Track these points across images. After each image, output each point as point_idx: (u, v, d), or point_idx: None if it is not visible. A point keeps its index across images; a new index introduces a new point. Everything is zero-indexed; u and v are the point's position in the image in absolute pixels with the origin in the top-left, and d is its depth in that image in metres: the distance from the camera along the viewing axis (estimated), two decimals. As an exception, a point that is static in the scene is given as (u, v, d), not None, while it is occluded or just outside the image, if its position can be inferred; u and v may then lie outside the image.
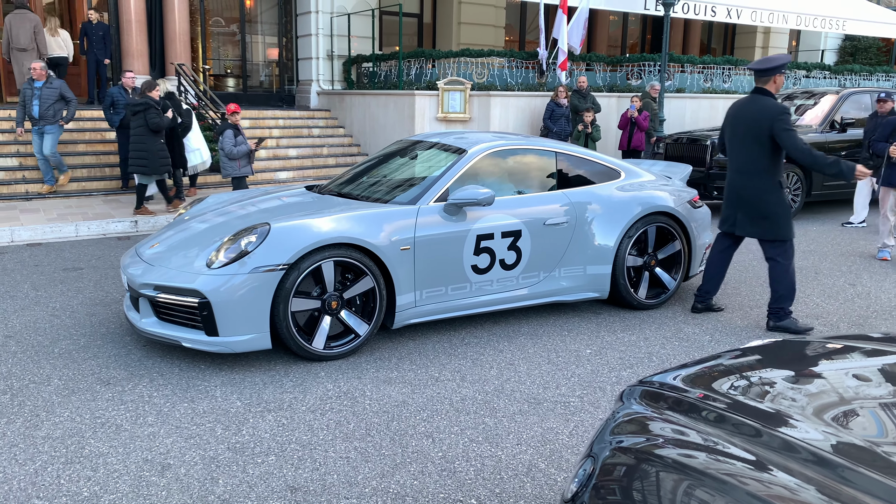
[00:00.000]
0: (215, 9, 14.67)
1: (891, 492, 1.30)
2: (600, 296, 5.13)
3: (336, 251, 4.08)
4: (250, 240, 4.02)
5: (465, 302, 4.64)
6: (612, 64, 13.87)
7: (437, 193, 4.59)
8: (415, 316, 4.48)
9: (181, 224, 4.83)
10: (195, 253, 4.18)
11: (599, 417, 3.49)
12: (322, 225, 4.09)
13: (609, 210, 5.07)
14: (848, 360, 2.03)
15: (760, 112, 4.63)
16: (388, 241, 4.23)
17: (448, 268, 4.51)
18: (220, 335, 3.92)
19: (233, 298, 3.87)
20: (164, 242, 4.50)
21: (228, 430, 3.32)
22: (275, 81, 15.62)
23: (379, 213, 4.34)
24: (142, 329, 4.14)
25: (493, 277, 4.71)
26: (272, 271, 3.91)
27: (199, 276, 3.95)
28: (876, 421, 1.59)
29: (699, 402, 1.76)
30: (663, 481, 1.49)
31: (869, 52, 19.93)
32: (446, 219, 4.50)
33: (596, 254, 5.03)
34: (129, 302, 4.43)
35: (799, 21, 15.26)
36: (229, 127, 7.88)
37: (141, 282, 4.11)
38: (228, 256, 3.98)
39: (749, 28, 20.01)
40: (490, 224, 4.63)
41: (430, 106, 11.59)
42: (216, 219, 4.68)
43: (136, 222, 8.20)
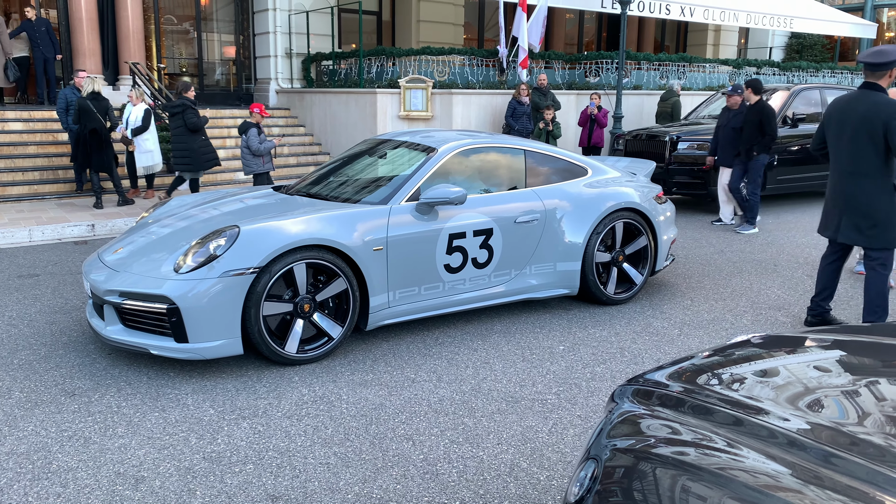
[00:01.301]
0: (169, 6, 14.31)
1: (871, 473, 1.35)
2: (570, 292, 5.18)
3: (307, 253, 4.01)
4: (219, 243, 3.92)
5: (438, 301, 4.63)
6: (571, 62, 14.02)
7: (409, 193, 4.56)
8: (388, 317, 4.45)
9: (144, 228, 4.71)
10: (162, 257, 4.07)
11: (577, 414, 3.53)
12: (293, 226, 4.02)
13: (577, 207, 5.12)
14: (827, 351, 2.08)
15: (874, 109, 4.25)
16: (360, 242, 4.19)
17: (421, 267, 4.48)
18: (189, 342, 3.82)
19: (202, 304, 3.78)
20: (127, 247, 4.37)
21: (203, 440, 3.24)
22: (232, 80, 15.33)
23: (350, 213, 4.29)
24: (107, 337, 4.01)
25: (466, 276, 4.70)
26: (242, 275, 3.83)
27: (167, 282, 3.84)
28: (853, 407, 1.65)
29: (690, 398, 1.79)
30: (662, 479, 1.51)
31: (815, 50, 20.61)
32: (418, 218, 4.48)
33: (565, 250, 5.06)
34: (93, 309, 4.29)
35: (748, 19, 15.67)
36: (252, 125, 7.97)
37: (105, 288, 3.98)
38: (197, 261, 3.89)
39: (701, 26, 20.48)
40: (462, 223, 4.61)
41: (391, 104, 11.53)
42: (181, 222, 4.57)
43: (93, 226, 7.95)
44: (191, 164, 8.46)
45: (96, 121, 8.70)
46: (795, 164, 9.73)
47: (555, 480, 2.92)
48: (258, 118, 8.07)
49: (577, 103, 12.83)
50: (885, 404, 1.67)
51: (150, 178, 9.78)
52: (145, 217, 5.09)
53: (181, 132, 8.42)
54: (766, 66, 16.27)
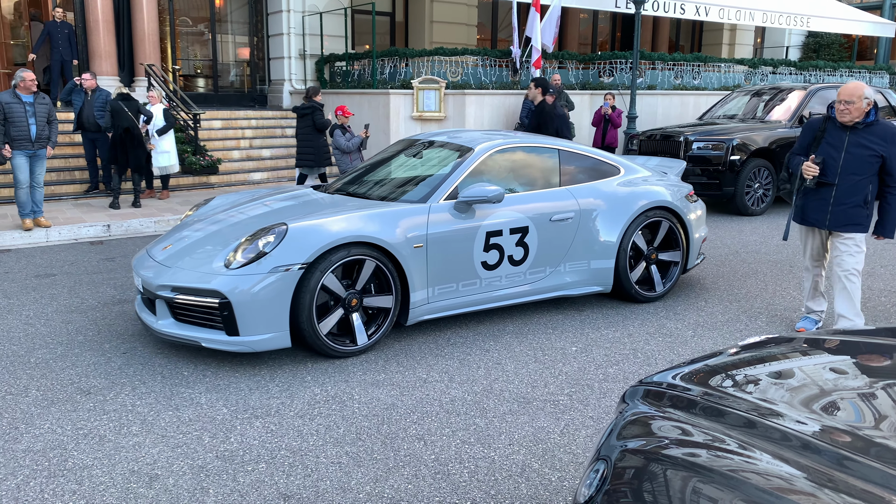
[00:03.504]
0: (184, 8, 14.43)
1: (886, 477, 1.33)
2: (604, 289, 5.24)
3: (352, 250, 4.12)
4: (268, 240, 4.05)
5: (475, 298, 4.71)
6: (585, 62, 13.97)
7: (447, 191, 4.66)
8: (427, 312, 4.53)
9: (190, 225, 4.83)
10: (212, 254, 4.20)
11: (590, 415, 3.51)
12: (338, 224, 4.14)
13: (612, 206, 5.18)
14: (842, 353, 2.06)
15: None
16: (402, 239, 4.30)
17: (459, 264, 4.58)
18: (240, 335, 3.94)
19: (253, 298, 3.90)
20: (176, 244, 4.50)
21: (216, 438, 3.26)
22: (246, 81, 15.42)
23: (392, 211, 4.40)
24: (159, 331, 4.13)
25: (502, 273, 4.78)
26: (290, 270, 3.95)
27: (219, 277, 3.97)
28: (869, 410, 1.63)
29: (702, 400, 1.77)
30: (672, 481, 1.50)
31: (832, 49, 20.39)
32: (456, 216, 4.57)
33: (600, 248, 5.12)
34: (142, 304, 4.43)
35: (764, 18, 15.53)
36: (338, 126, 8.45)
37: (158, 283, 4.11)
38: (247, 257, 4.01)
39: (716, 25, 20.33)
40: (498, 220, 4.70)
41: (404, 105, 11.55)
42: (228, 220, 4.70)
43: (109, 226, 8.03)
44: (315, 161, 8.93)
45: (128, 120, 8.85)
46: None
47: (566, 481, 2.91)
48: (343, 119, 8.52)
49: (591, 103, 12.78)
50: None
51: (165, 178, 9.88)
52: (189, 215, 5.22)
53: (309, 132, 8.86)
54: (782, 65, 16.12)
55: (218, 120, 12.48)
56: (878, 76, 17.48)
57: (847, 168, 4.25)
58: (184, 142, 11.22)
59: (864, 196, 4.27)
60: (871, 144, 4.19)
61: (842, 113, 4.22)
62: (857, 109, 4.17)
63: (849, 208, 4.31)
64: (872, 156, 4.20)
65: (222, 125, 12.48)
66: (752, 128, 9.57)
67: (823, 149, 4.33)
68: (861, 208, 4.29)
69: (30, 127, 7.48)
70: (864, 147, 4.20)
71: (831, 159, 4.29)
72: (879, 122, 4.22)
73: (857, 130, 4.24)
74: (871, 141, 4.20)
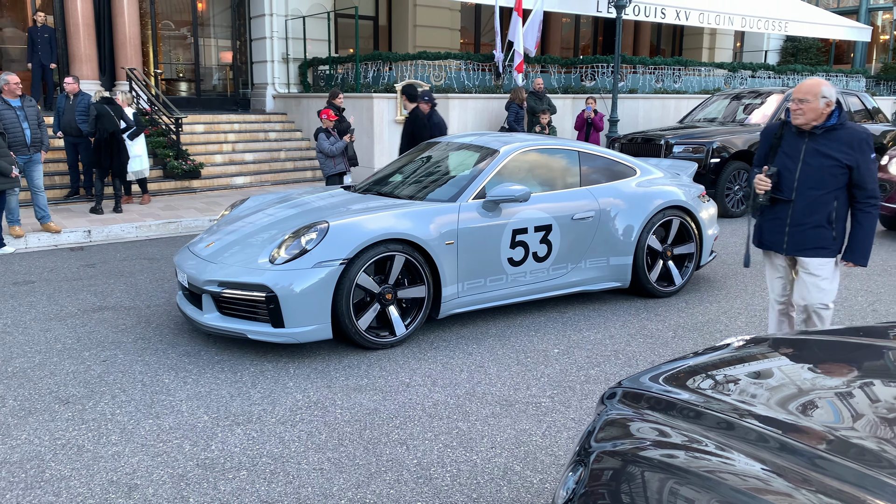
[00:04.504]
0: (166, 12, 14.34)
1: (861, 476, 1.34)
2: (622, 285, 5.46)
3: (388, 246, 4.33)
4: (310, 237, 4.26)
5: (501, 293, 4.93)
6: (567, 66, 14.05)
7: (476, 191, 4.86)
8: (457, 306, 4.75)
9: (230, 223, 5.05)
10: (256, 250, 4.41)
11: (571, 417, 3.53)
12: (376, 222, 4.36)
13: (629, 205, 5.40)
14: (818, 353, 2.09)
15: None
16: (435, 236, 4.52)
17: (487, 261, 4.79)
18: (285, 327, 4.14)
19: (297, 292, 4.10)
20: (218, 242, 4.70)
21: (197, 446, 3.24)
22: (229, 85, 15.34)
23: (425, 210, 4.62)
24: (205, 324, 4.32)
25: (527, 269, 4.99)
26: (332, 266, 4.15)
27: (265, 272, 4.17)
28: (840, 410, 1.65)
29: (679, 401, 1.79)
30: (650, 483, 1.51)
31: (809, 53, 20.67)
32: (484, 215, 4.77)
33: (618, 246, 5.35)
34: (185, 298, 4.66)
35: (743, 23, 15.71)
36: (322, 130, 8.47)
37: (205, 278, 4.30)
38: (291, 253, 4.22)
39: (696, 29, 20.53)
40: (524, 218, 4.91)
41: (388, 108, 11.55)
42: (267, 218, 4.91)
43: (90, 232, 7.94)
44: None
45: (113, 124, 8.76)
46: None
47: (548, 484, 2.92)
48: (327, 123, 8.51)
49: (574, 107, 12.85)
50: (878, 406, 1.67)
51: (143, 183, 9.75)
52: (226, 214, 5.46)
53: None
54: (761, 69, 16.32)
55: (200, 124, 12.41)
56: (854, 80, 17.75)
57: (804, 181, 3.53)
58: (166, 146, 11.13)
59: (827, 214, 3.53)
60: (833, 152, 3.46)
61: (795, 114, 3.52)
62: (812, 110, 3.45)
63: (808, 229, 3.57)
64: (835, 166, 3.46)
65: (205, 129, 12.40)
66: (732, 131, 9.68)
67: (779, 159, 3.63)
68: (823, 229, 3.55)
69: (24, 131, 7.32)
70: (825, 156, 3.48)
71: (787, 171, 3.59)
72: (845, 126, 3.49)
73: (815, 136, 3.51)
74: (834, 148, 3.46)
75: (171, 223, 8.53)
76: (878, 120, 11.13)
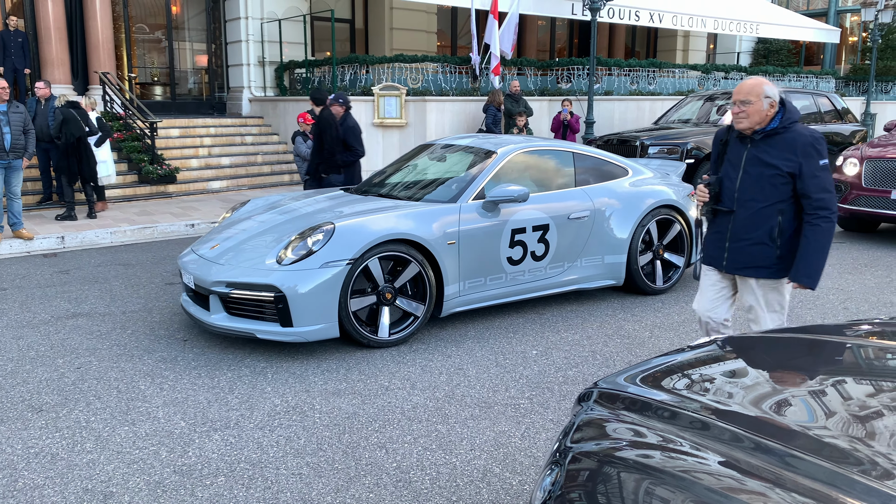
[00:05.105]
0: (140, 15, 14.18)
1: (827, 472, 1.37)
2: (616, 283, 5.58)
3: (392, 246, 4.42)
4: (317, 238, 4.33)
5: (500, 291, 5.03)
6: (543, 68, 14.14)
7: (475, 192, 4.95)
8: (459, 305, 4.84)
9: (233, 226, 5.10)
10: (263, 251, 4.47)
11: (550, 418, 3.55)
12: (380, 223, 4.45)
13: (623, 204, 5.53)
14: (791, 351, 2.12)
15: None
16: (437, 236, 4.61)
17: (487, 260, 4.89)
18: (294, 326, 4.20)
19: (305, 292, 4.17)
20: (223, 243, 4.75)
21: (173, 453, 3.21)
22: (204, 89, 15.21)
23: (427, 210, 4.71)
24: (212, 324, 4.37)
25: (525, 268, 5.09)
26: (340, 266, 4.23)
27: (273, 273, 4.24)
28: (813, 408, 1.68)
29: (654, 402, 1.80)
30: (626, 483, 1.52)
31: (781, 54, 21.02)
32: (483, 215, 4.87)
33: (613, 244, 5.47)
34: (190, 300, 4.70)
35: (716, 25, 15.94)
36: (300, 133, 8.44)
37: (213, 279, 4.35)
38: (298, 253, 4.28)
39: (670, 32, 20.77)
40: (522, 218, 5.01)
41: (365, 111, 11.53)
42: (272, 220, 4.98)
43: (63, 238, 7.82)
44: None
45: (80, 129, 8.60)
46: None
47: (527, 485, 2.94)
48: (304, 127, 8.48)
49: (550, 109, 12.94)
50: (851, 403, 1.69)
51: (102, 189, 9.52)
52: (227, 217, 5.50)
53: None
54: (733, 70, 16.56)
55: (176, 128, 12.28)
56: (824, 81, 18.08)
57: (744, 192, 3.22)
58: (141, 151, 11.01)
59: (769, 229, 3.18)
60: (774, 160, 3.13)
61: (738, 118, 3.18)
62: (756, 112, 3.13)
63: (748, 245, 3.24)
64: (776, 175, 3.12)
65: (180, 133, 12.29)
66: (706, 131, 9.81)
67: (724, 166, 3.34)
68: (766, 246, 3.20)
69: (3, 136, 7.25)
70: (765, 164, 3.15)
71: (728, 180, 3.29)
72: (790, 129, 3.14)
73: (755, 142, 3.20)
74: (775, 155, 3.13)
75: (146, 228, 8.43)
76: (847, 120, 11.35)
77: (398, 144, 11.81)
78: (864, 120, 16.75)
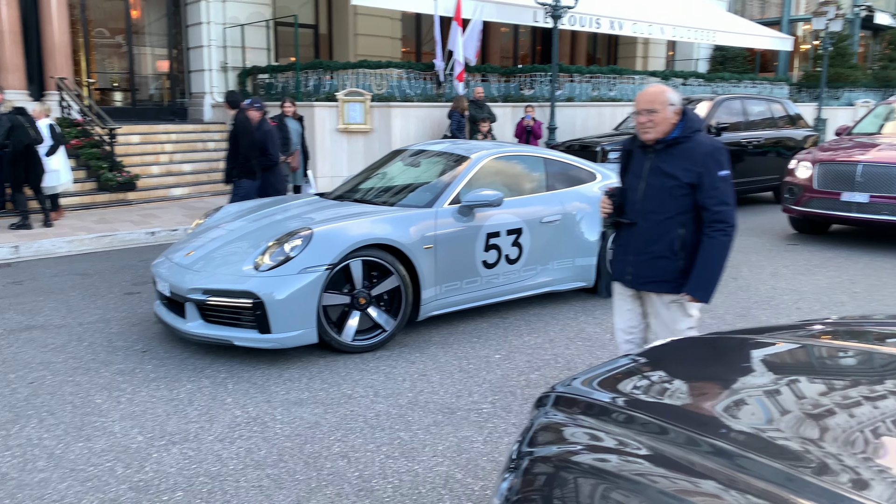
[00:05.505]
0: (99, 19, 13.90)
1: (779, 474, 1.40)
2: (587, 284, 5.68)
3: (370, 251, 4.45)
4: (295, 244, 4.31)
5: (476, 294, 5.10)
6: (506, 75, 14.24)
7: (451, 196, 5.01)
8: (436, 308, 4.89)
9: (207, 232, 5.06)
10: (239, 257, 4.44)
11: (512, 422, 3.57)
12: (358, 228, 4.49)
13: (593, 208, 5.57)
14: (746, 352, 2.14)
15: None
16: (415, 241, 4.64)
17: (463, 263, 4.95)
18: (272, 332, 4.19)
19: (283, 298, 4.16)
20: (199, 250, 4.70)
21: (130, 468, 3.14)
22: (166, 94, 14.97)
23: (404, 215, 4.76)
24: (188, 332, 4.34)
25: (500, 271, 5.17)
26: (318, 271, 4.24)
27: (251, 279, 4.21)
28: (772, 409, 1.70)
29: (610, 405, 1.81)
30: (582, 487, 1.53)
31: (737, 61, 21.50)
32: (459, 220, 4.94)
33: (583, 247, 5.59)
34: (164, 307, 4.64)
35: (674, 33, 16.25)
36: None
37: (189, 287, 4.31)
38: (275, 259, 4.27)
39: (630, 39, 21.10)
40: (497, 223, 5.09)
41: (329, 117, 11.48)
42: (247, 226, 4.95)
43: (18, 247, 7.61)
44: None
45: (29, 136, 8.35)
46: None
47: (489, 490, 2.95)
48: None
49: (513, 115, 13.03)
50: (804, 402, 1.70)
51: (55, 198, 9.23)
52: (201, 223, 5.44)
53: None
54: (692, 77, 16.91)
55: (136, 134, 12.06)
56: (778, 87, 18.59)
57: (646, 203, 3.08)
58: (100, 158, 10.78)
59: (670, 242, 3.04)
60: (674, 170, 2.99)
61: (644, 128, 3.03)
62: (663, 121, 3.00)
63: (650, 259, 3.10)
64: (676, 186, 2.99)
65: (141, 140, 12.07)
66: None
67: (628, 177, 3.23)
68: (668, 259, 3.06)
69: None
70: (665, 174, 3.01)
71: (632, 191, 3.17)
72: (691, 139, 3.00)
73: (657, 152, 3.05)
74: (676, 165, 2.99)
75: (105, 237, 8.25)
76: (800, 125, 11.68)
77: (363, 150, 11.78)
78: (815, 125, 17.24)
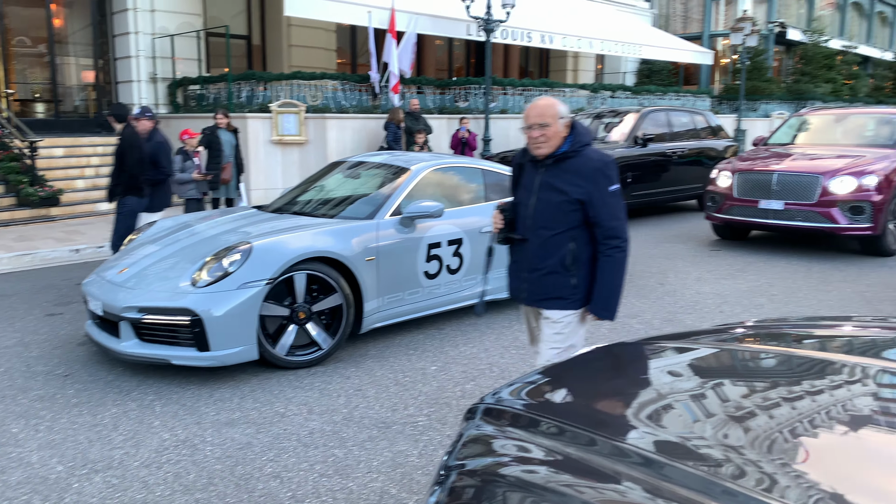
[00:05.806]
0: (19, 27, 13.29)
1: (702, 482, 1.44)
2: None
3: (311, 265, 4.40)
4: (234, 258, 4.23)
5: (418, 305, 5.14)
6: (441, 87, 14.38)
7: (392, 208, 5.05)
8: (378, 321, 4.89)
9: (140, 248, 4.93)
10: (176, 274, 4.33)
11: (448, 434, 3.59)
12: (299, 241, 4.43)
13: None
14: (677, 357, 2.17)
15: None
16: (357, 252, 4.64)
17: (405, 275, 4.98)
18: (211, 350, 4.09)
19: (222, 314, 4.07)
20: (133, 266, 4.57)
21: (48, 500, 3.00)
22: (91, 106, 14.42)
23: (345, 227, 4.75)
24: (122, 352, 4.21)
25: (442, 282, 5.23)
26: (259, 286, 4.17)
27: (188, 295, 4.11)
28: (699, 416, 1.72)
29: (537, 416, 1.81)
30: (510, 500, 1.53)
31: (662, 74, 22.32)
32: (401, 231, 4.97)
33: None
34: (96, 327, 4.49)
35: (602, 47, 16.77)
36: (181, 152, 8.06)
37: (123, 305, 4.18)
38: (214, 275, 4.18)
39: (561, 53, 21.61)
40: (438, 233, 5.16)
41: (263, 128, 11.31)
42: (183, 241, 4.82)
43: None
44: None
45: None
46: (646, 182, 10.47)
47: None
48: (190, 144, 8.19)
49: (449, 127, 13.15)
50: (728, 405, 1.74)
51: None
52: (134, 239, 5.31)
53: None
54: (619, 89, 17.48)
55: (59, 147, 11.58)
56: (701, 99, 19.42)
57: (537, 219, 3.00)
58: (19, 171, 10.29)
59: (562, 258, 2.96)
60: (564, 185, 2.91)
61: (537, 143, 2.93)
62: (555, 135, 2.91)
63: (543, 275, 3.02)
64: (566, 202, 2.91)
65: (64, 153, 11.59)
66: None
67: (520, 192, 3.13)
68: (559, 275, 2.98)
69: None
70: (555, 189, 2.93)
71: (523, 206, 3.08)
72: (580, 153, 2.92)
73: (547, 166, 2.97)
74: (566, 180, 2.91)
75: (25, 255, 7.87)
76: (721, 136, 12.21)
77: (298, 162, 11.65)
78: (735, 136, 18.08)
